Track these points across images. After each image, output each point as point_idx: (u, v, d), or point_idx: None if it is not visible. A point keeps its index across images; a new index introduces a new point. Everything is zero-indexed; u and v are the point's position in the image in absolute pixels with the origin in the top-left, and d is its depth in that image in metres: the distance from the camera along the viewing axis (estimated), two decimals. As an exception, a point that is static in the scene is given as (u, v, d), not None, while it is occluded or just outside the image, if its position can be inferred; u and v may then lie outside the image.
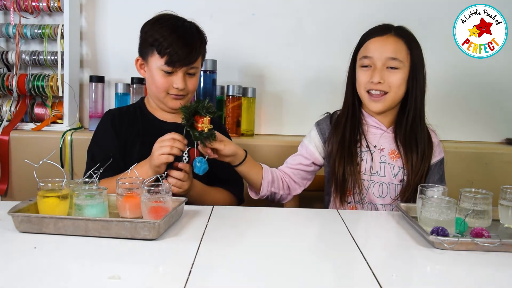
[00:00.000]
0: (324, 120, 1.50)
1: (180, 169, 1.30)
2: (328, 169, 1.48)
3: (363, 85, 1.39)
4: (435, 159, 1.44)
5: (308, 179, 1.50)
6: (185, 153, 1.43)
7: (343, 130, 1.42)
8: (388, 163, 1.41)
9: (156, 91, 1.44)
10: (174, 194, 1.15)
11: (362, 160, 1.40)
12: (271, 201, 1.47)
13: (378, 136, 1.43)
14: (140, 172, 1.25)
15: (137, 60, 1.49)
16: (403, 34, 1.39)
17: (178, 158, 1.29)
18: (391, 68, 1.37)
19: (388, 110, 1.42)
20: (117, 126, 1.47)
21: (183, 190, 1.31)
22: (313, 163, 1.48)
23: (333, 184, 1.41)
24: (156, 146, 1.26)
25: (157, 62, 1.40)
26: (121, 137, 1.45)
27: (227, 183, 1.52)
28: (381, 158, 1.41)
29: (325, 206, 1.51)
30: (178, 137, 1.25)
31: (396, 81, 1.36)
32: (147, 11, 1.51)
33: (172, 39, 1.38)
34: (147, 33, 1.43)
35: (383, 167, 1.41)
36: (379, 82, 1.36)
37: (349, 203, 1.42)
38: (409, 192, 1.38)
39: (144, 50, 1.45)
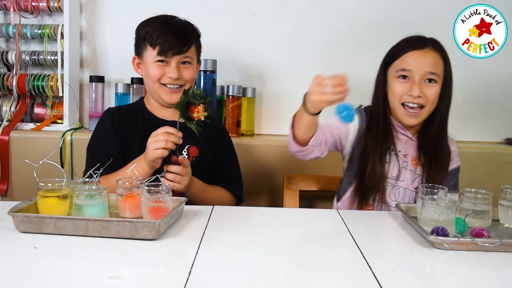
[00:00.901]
0: (360, 111, 1.47)
1: (178, 164, 1.29)
2: (350, 162, 1.46)
3: (399, 97, 1.39)
4: (451, 167, 1.46)
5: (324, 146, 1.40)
6: (185, 151, 1.44)
7: (376, 133, 1.41)
8: (409, 169, 1.43)
9: (150, 83, 1.45)
10: (174, 193, 1.15)
11: (387, 163, 1.42)
12: (298, 152, 1.34)
13: (404, 142, 1.45)
14: (136, 167, 1.26)
15: (134, 59, 1.50)
16: (440, 48, 1.40)
17: (174, 153, 1.28)
18: (428, 81, 1.38)
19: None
20: (117, 124, 1.47)
21: (183, 186, 1.30)
22: (340, 137, 1.42)
23: (358, 182, 1.41)
24: (150, 140, 1.26)
25: (150, 55, 1.41)
26: (120, 135, 1.45)
27: (226, 182, 1.52)
28: (403, 164, 1.43)
29: (338, 198, 1.50)
30: (172, 131, 1.25)
31: (433, 95, 1.38)
32: (147, 11, 1.51)
33: (162, 29, 1.40)
34: (140, 30, 1.45)
35: (403, 172, 1.42)
36: (419, 96, 1.36)
37: (367, 200, 1.42)
38: None
39: (139, 47, 1.46)
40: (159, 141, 1.24)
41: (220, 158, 1.54)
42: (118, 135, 1.45)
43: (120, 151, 1.44)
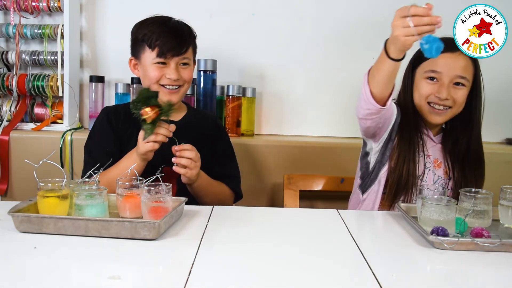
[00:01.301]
0: (395, 105, 1.43)
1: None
2: (379, 153, 1.43)
3: (425, 97, 1.39)
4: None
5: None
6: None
7: (409, 132, 1.40)
8: (432, 170, 1.43)
9: (148, 84, 1.45)
10: (182, 186, 1.12)
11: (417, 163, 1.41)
12: (372, 115, 1.28)
13: (427, 143, 1.45)
14: (128, 160, 1.28)
15: (130, 60, 1.50)
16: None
17: (167, 146, 1.28)
18: (456, 84, 1.38)
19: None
20: (113, 122, 1.48)
21: (195, 172, 1.31)
22: (385, 120, 1.35)
23: (391, 180, 1.39)
24: (141, 134, 1.27)
25: (149, 56, 1.42)
26: (116, 133, 1.47)
27: (224, 178, 1.52)
28: (426, 165, 1.43)
29: (363, 191, 1.46)
30: (162, 124, 1.26)
31: (461, 98, 1.38)
32: (147, 11, 1.51)
33: (160, 31, 1.41)
34: (136, 31, 1.46)
35: (427, 173, 1.42)
36: (446, 99, 1.36)
37: (396, 197, 1.41)
38: None
39: (136, 49, 1.47)
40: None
41: (217, 155, 1.54)
42: (114, 133, 1.47)
43: (117, 148, 1.45)
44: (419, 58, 1.43)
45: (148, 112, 1.23)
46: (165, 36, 1.41)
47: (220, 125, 1.63)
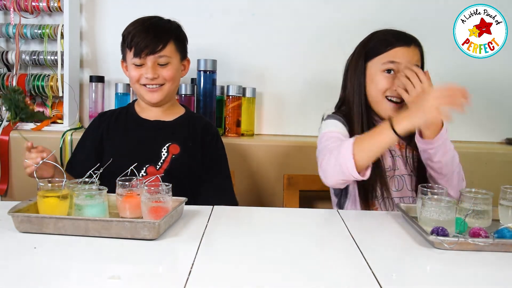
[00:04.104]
0: (338, 118, 1.44)
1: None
2: None
3: (383, 90, 1.38)
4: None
5: None
6: (165, 149, 1.44)
7: (362, 131, 1.38)
8: (398, 156, 1.43)
9: (132, 84, 1.48)
10: None
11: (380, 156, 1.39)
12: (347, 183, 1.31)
13: None
14: None
15: (122, 63, 1.52)
16: (421, 47, 1.42)
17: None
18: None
19: None
20: (103, 126, 1.51)
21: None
22: None
23: (359, 188, 1.38)
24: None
25: (129, 57, 1.43)
26: (99, 134, 1.49)
27: (217, 197, 1.46)
28: (391, 153, 1.42)
29: (340, 207, 1.47)
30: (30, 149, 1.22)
31: None
32: (147, 11, 1.51)
33: (136, 30, 1.41)
34: (123, 32, 1.46)
35: (396, 160, 1.42)
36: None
37: (373, 199, 1.40)
38: (423, 180, 1.39)
39: (122, 50, 1.49)
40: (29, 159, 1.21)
41: (208, 162, 1.49)
42: (97, 142, 1.49)
43: (97, 151, 1.48)
44: (374, 51, 1.41)
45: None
46: (139, 35, 1.40)
47: (215, 132, 1.56)
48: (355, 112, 1.41)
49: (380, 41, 1.41)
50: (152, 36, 1.40)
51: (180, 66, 1.49)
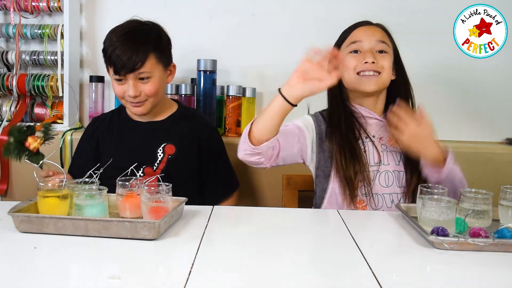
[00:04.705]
0: (316, 116, 1.47)
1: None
2: (318, 169, 1.43)
3: (353, 68, 1.39)
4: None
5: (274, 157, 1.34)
6: (160, 149, 1.45)
7: (340, 126, 1.40)
8: (390, 151, 1.41)
9: (118, 98, 1.47)
10: None
11: (365, 151, 1.39)
12: (248, 154, 1.28)
13: (374, 126, 1.43)
14: None
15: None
16: (385, 28, 1.45)
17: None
18: (380, 52, 1.39)
19: (378, 94, 1.43)
20: (97, 130, 1.54)
21: None
22: (300, 148, 1.41)
23: (341, 182, 1.38)
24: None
25: (110, 72, 1.41)
26: (95, 139, 1.51)
27: (223, 186, 1.55)
28: (382, 147, 1.41)
29: (318, 206, 1.46)
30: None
31: (388, 63, 1.39)
32: (147, 11, 1.51)
33: (114, 46, 1.36)
34: (103, 42, 1.42)
35: (386, 155, 1.41)
36: (373, 62, 1.36)
37: (356, 196, 1.39)
38: (414, 176, 1.38)
39: (104, 61, 1.44)
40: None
41: (210, 157, 1.54)
42: (93, 139, 1.51)
43: (95, 156, 1.51)
44: (339, 41, 1.47)
45: (31, 143, 1.16)
46: (118, 51, 1.35)
47: (209, 126, 1.59)
48: (334, 106, 1.44)
49: (343, 32, 1.47)
50: (130, 53, 1.34)
51: (164, 75, 1.46)
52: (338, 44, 1.47)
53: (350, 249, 0.98)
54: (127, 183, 1.13)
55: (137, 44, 1.36)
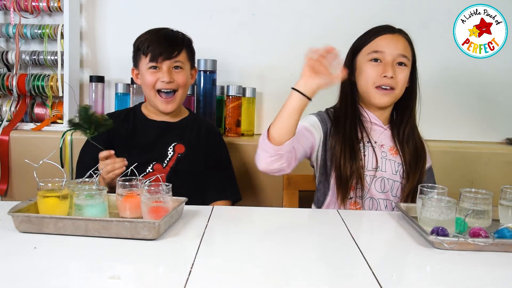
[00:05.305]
0: (321, 114, 1.48)
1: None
2: (322, 166, 1.45)
3: (373, 79, 1.39)
4: (427, 164, 1.48)
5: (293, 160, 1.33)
6: (171, 148, 1.49)
7: (344, 126, 1.41)
8: (389, 159, 1.42)
9: (147, 90, 1.52)
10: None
11: (364, 155, 1.40)
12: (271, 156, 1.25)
13: (378, 133, 1.44)
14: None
15: (133, 70, 1.57)
16: (408, 36, 1.44)
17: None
18: (399, 64, 1.39)
19: (388, 107, 1.45)
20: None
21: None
22: (310, 145, 1.41)
23: (336, 180, 1.39)
24: (101, 166, 1.32)
25: (144, 63, 1.50)
26: (111, 136, 1.51)
27: (222, 191, 1.57)
28: (382, 154, 1.42)
29: (319, 205, 1.47)
30: (116, 160, 1.33)
31: (403, 78, 1.40)
32: (147, 11, 1.51)
33: (152, 38, 1.49)
34: (135, 42, 1.53)
35: (384, 163, 1.41)
36: (392, 77, 1.37)
37: (350, 198, 1.40)
38: (409, 189, 1.39)
39: (135, 58, 1.54)
40: (109, 165, 1.31)
41: (213, 164, 1.59)
42: (109, 136, 1.50)
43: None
44: (360, 44, 1.45)
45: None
46: (156, 42, 1.48)
47: (216, 133, 1.66)
48: (342, 105, 1.45)
49: (365, 33, 1.45)
50: (167, 44, 1.48)
51: (189, 74, 1.57)
52: (358, 47, 1.45)
53: (350, 249, 0.99)
54: (127, 183, 1.13)
55: (173, 39, 1.51)
